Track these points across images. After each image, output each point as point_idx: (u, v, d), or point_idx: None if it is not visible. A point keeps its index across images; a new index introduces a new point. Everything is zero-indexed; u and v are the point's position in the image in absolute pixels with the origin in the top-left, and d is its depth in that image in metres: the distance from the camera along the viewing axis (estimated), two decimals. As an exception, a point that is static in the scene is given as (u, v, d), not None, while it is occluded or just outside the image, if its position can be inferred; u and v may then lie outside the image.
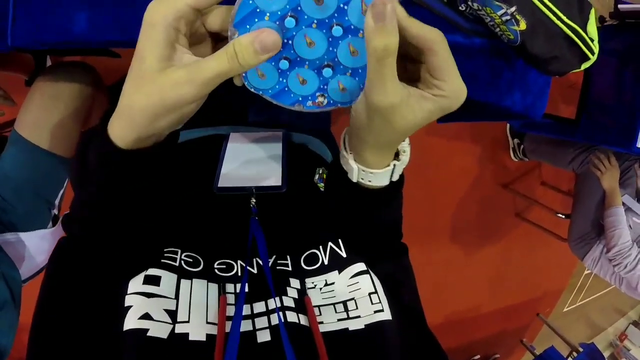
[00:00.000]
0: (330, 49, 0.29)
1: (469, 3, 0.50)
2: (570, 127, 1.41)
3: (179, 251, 0.38)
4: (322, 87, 0.31)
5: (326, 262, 0.41)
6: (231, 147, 0.54)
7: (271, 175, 0.49)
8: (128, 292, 0.33)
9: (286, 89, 0.31)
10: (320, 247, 0.42)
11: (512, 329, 3.13)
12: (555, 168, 1.96)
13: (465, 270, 2.50)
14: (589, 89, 1.41)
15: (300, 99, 0.32)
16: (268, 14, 0.27)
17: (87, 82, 0.72)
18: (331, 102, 0.32)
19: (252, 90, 0.31)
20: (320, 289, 0.39)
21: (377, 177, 0.36)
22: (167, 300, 0.33)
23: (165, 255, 0.37)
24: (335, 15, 0.27)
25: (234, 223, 0.44)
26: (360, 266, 0.40)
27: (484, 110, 0.64)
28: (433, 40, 0.27)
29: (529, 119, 0.64)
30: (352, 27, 0.27)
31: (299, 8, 0.27)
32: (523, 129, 1.90)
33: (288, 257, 0.42)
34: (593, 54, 0.61)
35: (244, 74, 0.30)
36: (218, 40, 0.31)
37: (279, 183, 0.48)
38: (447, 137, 1.98)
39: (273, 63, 0.29)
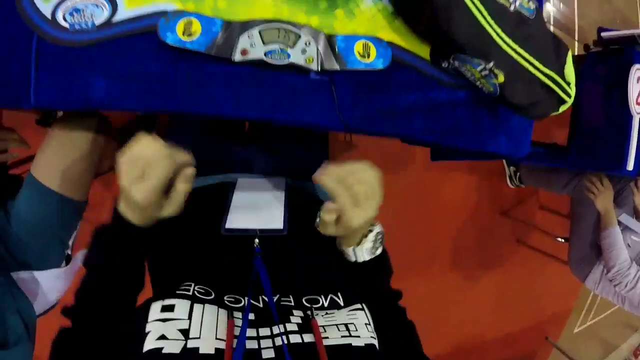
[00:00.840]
0: None
1: (451, 61, 0.55)
2: (562, 154, 1.43)
3: (193, 284, 0.42)
4: None
5: (326, 305, 0.44)
6: (238, 193, 0.58)
7: (274, 219, 0.53)
8: (148, 320, 0.36)
9: None
10: (322, 295, 0.46)
11: (521, 355, 3.04)
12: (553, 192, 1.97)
13: (468, 299, 2.46)
14: (578, 116, 1.43)
15: None
16: None
17: (99, 130, 0.76)
18: None
19: None
20: (323, 315, 0.42)
21: (358, 252, 0.49)
22: (180, 321, 0.37)
23: (181, 287, 0.41)
24: None
25: (240, 262, 0.47)
26: (357, 305, 0.44)
27: (471, 154, 0.68)
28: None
29: (514, 158, 0.67)
30: None
31: None
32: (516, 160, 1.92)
33: (291, 296, 0.45)
34: (570, 97, 0.65)
35: None
36: None
37: (280, 226, 0.52)
38: (443, 169, 2.01)
39: None
